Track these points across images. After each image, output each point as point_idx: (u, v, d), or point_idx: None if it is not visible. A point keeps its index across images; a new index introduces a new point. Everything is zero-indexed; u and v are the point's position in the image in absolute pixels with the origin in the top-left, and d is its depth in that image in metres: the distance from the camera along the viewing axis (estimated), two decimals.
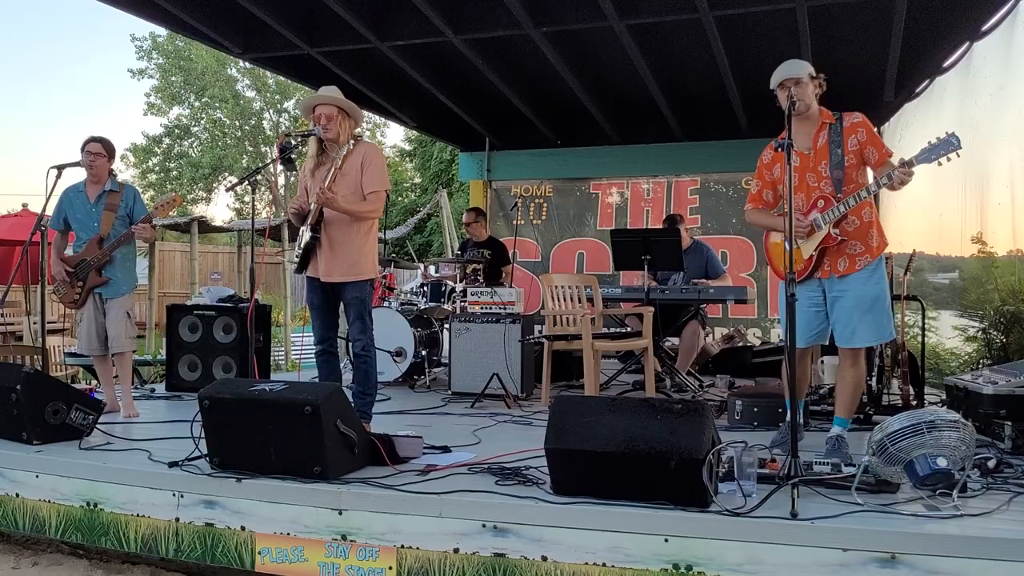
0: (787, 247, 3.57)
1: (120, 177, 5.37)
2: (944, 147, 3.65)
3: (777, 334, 8.65)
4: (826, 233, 3.92)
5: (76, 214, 5.23)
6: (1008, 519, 3.01)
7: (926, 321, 6.01)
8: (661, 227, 7.30)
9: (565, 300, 6.24)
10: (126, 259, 5.29)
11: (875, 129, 4.00)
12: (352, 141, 4.54)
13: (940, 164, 3.70)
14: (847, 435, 4.05)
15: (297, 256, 4.56)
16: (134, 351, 5.49)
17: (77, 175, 5.30)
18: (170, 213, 5.36)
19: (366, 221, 4.57)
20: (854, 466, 3.48)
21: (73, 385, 6.16)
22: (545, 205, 10.10)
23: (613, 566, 3.01)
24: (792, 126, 3.73)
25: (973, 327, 6.83)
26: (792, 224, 3.60)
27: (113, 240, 5.13)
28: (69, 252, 5.27)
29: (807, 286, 4.04)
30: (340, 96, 4.57)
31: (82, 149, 5.19)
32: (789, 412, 3.58)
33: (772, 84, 3.99)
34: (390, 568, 3.26)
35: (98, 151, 5.17)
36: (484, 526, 3.17)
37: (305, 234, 4.52)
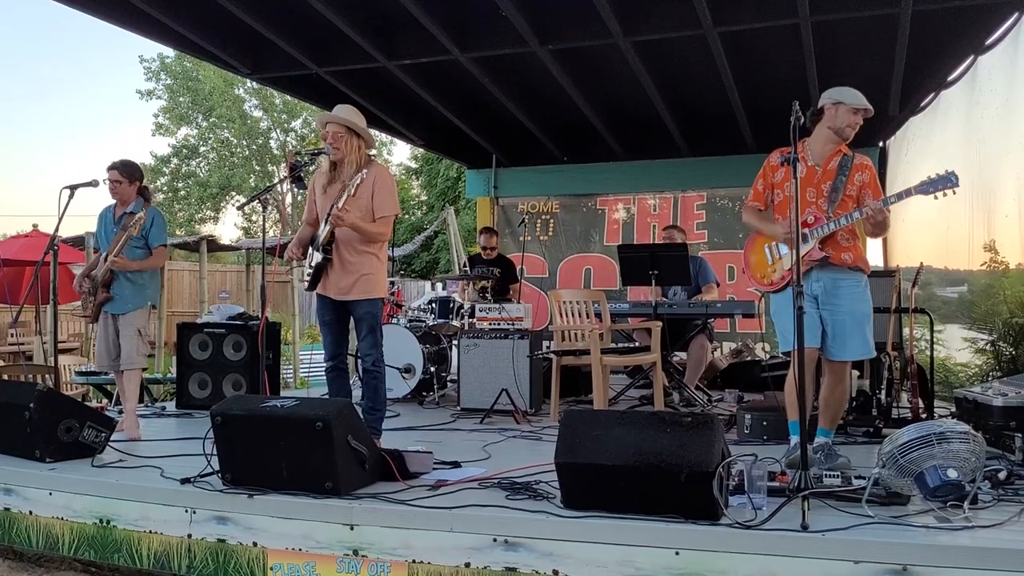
0: (792, 258, 3.62)
1: None
2: (943, 183, 3.81)
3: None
4: (811, 247, 4.02)
5: (101, 232, 5.39)
6: (1019, 531, 3.01)
7: (934, 334, 6.01)
8: (668, 242, 7.32)
9: (573, 316, 6.25)
10: (135, 276, 5.25)
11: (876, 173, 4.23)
12: (365, 169, 4.51)
13: (936, 198, 3.85)
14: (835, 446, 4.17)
15: (308, 275, 4.60)
16: (144, 369, 5.45)
17: (89, 195, 5.39)
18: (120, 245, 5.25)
19: (376, 242, 4.61)
20: (847, 463, 3.57)
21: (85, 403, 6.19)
22: (552, 221, 10.14)
23: None
24: (819, 139, 4.07)
25: (982, 340, 6.82)
26: (798, 238, 3.67)
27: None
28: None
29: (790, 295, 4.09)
30: (352, 116, 4.57)
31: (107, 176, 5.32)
32: (799, 426, 3.58)
33: (849, 103, 4.04)
34: None
35: (116, 178, 5.28)
36: (495, 540, 3.18)
37: (316, 255, 4.55)
